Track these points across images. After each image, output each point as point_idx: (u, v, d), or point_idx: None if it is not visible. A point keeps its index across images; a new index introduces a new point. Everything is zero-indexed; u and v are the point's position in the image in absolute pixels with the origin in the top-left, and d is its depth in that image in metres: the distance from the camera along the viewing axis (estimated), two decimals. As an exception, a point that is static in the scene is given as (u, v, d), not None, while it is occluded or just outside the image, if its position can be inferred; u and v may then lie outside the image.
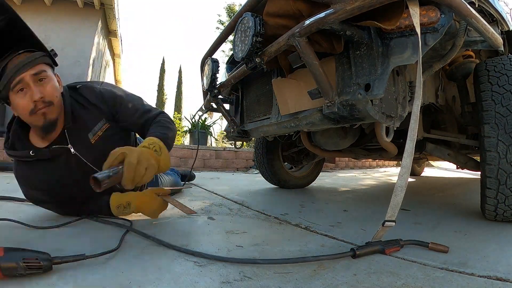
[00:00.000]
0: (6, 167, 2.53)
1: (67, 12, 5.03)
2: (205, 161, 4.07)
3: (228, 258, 0.67)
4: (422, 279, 0.59)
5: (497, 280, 0.59)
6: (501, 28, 0.95)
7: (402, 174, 0.70)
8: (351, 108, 0.84)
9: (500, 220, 1.04)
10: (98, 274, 0.57)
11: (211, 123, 5.05)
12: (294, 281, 0.58)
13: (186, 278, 0.58)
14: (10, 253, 0.53)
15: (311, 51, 0.78)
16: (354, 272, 0.62)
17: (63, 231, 0.85)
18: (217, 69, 1.29)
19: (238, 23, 0.92)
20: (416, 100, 0.70)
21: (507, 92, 0.96)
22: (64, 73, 5.16)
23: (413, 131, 0.69)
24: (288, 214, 1.24)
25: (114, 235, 0.82)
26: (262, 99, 1.35)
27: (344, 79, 0.86)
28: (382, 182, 2.96)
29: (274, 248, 0.78)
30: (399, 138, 1.37)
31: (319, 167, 2.30)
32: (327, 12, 0.69)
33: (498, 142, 0.94)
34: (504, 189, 0.95)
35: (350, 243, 0.84)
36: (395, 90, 0.89)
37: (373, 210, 1.36)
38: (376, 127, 1.04)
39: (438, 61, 0.91)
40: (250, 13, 0.87)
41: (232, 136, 1.55)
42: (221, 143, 8.22)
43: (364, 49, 0.81)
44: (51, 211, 1.06)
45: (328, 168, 4.84)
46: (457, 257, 0.72)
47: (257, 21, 0.85)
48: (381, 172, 4.71)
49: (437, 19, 0.70)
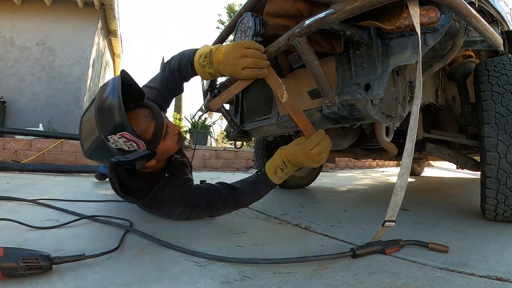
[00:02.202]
0: (6, 167, 2.53)
1: (67, 12, 5.03)
2: (205, 161, 4.07)
3: (228, 258, 0.67)
4: (422, 279, 0.59)
5: (497, 280, 0.59)
6: (501, 28, 0.95)
7: (402, 174, 0.70)
8: (351, 108, 0.84)
9: (500, 220, 1.04)
10: (98, 274, 0.57)
11: (211, 123, 5.05)
12: (294, 281, 0.58)
13: (186, 278, 0.58)
14: (10, 253, 0.53)
15: (311, 51, 0.78)
16: (354, 272, 0.62)
17: (63, 231, 0.85)
18: (217, 69, 1.29)
19: (238, 23, 0.92)
20: (416, 100, 0.70)
21: (507, 92, 0.96)
22: (64, 73, 5.18)
23: (413, 131, 0.69)
24: (288, 214, 1.24)
25: (114, 235, 0.82)
26: (262, 99, 1.34)
27: (344, 79, 0.86)
28: (382, 182, 2.96)
29: (274, 248, 0.78)
30: (399, 138, 1.37)
31: (319, 167, 2.30)
32: (327, 12, 0.69)
33: (498, 142, 0.94)
34: (504, 189, 0.95)
35: (350, 243, 0.84)
36: (395, 90, 0.89)
37: (373, 210, 1.36)
38: (376, 127, 1.04)
39: (438, 61, 0.91)
40: (250, 13, 0.87)
41: (232, 136, 1.54)
42: (221, 143, 8.21)
43: (364, 49, 0.81)
44: (51, 210, 1.07)
45: (328, 168, 4.84)
46: (457, 257, 0.72)
47: (257, 21, 0.85)
48: (381, 172, 4.71)
49: (437, 19, 0.70)
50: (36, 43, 4.88)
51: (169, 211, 0.99)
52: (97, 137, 0.76)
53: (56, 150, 3.02)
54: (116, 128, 0.74)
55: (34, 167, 2.60)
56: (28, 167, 2.59)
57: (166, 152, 0.96)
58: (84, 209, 1.11)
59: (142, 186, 0.98)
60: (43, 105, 4.76)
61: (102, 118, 0.75)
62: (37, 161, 2.90)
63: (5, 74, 4.69)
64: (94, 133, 0.77)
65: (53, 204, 1.17)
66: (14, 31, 4.79)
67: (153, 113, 0.89)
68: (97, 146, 0.78)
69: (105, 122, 0.75)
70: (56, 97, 4.85)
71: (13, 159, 2.86)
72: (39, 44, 4.89)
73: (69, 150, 3.06)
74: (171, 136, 0.94)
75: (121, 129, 0.74)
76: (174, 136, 0.96)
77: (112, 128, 0.74)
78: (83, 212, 1.03)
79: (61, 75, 4.93)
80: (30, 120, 4.46)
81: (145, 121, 0.87)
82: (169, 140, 0.93)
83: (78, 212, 1.04)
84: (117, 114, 0.74)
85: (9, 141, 2.97)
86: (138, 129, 0.83)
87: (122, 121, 0.74)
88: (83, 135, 0.83)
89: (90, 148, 0.81)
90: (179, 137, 0.99)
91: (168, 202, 0.97)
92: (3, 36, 4.75)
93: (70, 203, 1.25)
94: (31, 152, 2.95)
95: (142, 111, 0.88)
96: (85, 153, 0.84)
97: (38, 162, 2.88)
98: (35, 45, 4.87)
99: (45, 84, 4.84)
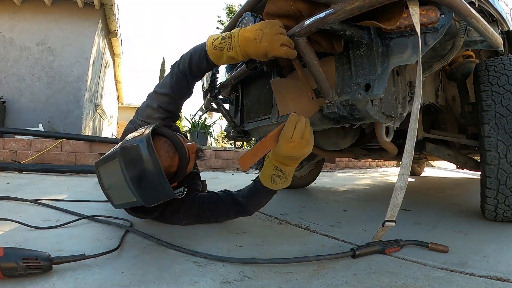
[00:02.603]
0: (6, 167, 2.53)
1: (67, 12, 5.03)
2: (205, 161, 4.07)
3: (228, 258, 0.67)
4: (422, 279, 0.59)
5: (497, 280, 0.59)
6: (501, 28, 0.95)
7: (402, 174, 0.70)
8: (351, 108, 0.84)
9: (500, 220, 1.04)
10: (98, 274, 0.57)
11: (211, 123, 5.05)
12: (294, 281, 0.58)
13: (186, 278, 0.58)
14: (10, 253, 0.53)
15: (311, 51, 0.78)
16: (354, 272, 0.62)
17: (63, 231, 0.85)
18: (217, 69, 1.29)
19: (238, 23, 0.92)
20: (416, 100, 0.70)
21: (507, 92, 0.96)
22: (64, 73, 5.18)
23: (413, 131, 0.69)
24: (288, 214, 1.24)
25: (114, 235, 0.82)
26: (262, 99, 1.34)
27: (344, 79, 0.86)
28: (382, 182, 2.96)
29: (274, 248, 0.78)
30: (399, 138, 1.37)
31: (319, 167, 2.30)
32: (327, 12, 0.69)
33: (498, 142, 0.94)
34: (504, 189, 0.95)
35: (350, 243, 0.84)
36: (395, 90, 0.89)
37: (373, 210, 1.36)
38: (376, 127, 1.04)
39: (438, 61, 0.91)
40: (250, 13, 0.87)
41: (232, 136, 1.54)
42: (221, 143, 8.21)
43: (364, 49, 0.81)
44: (52, 210, 1.07)
45: (328, 168, 4.84)
46: (457, 257, 0.72)
47: (257, 21, 0.84)
48: (381, 172, 4.71)
49: (437, 19, 0.70)
50: (36, 43, 4.88)
51: (175, 223, 0.97)
52: (135, 202, 0.71)
53: (56, 150, 3.02)
54: (162, 199, 0.73)
55: (34, 167, 2.60)
56: (28, 167, 2.59)
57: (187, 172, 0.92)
58: (84, 209, 1.11)
59: None
60: (43, 105, 4.77)
61: (143, 189, 0.69)
62: (37, 161, 2.90)
63: (5, 74, 4.69)
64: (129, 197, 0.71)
65: (53, 204, 1.17)
66: (14, 31, 4.79)
67: (174, 145, 0.81)
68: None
69: (147, 195, 0.70)
70: (56, 97, 4.86)
71: (13, 159, 2.86)
72: (39, 44, 4.89)
73: (69, 150, 3.06)
74: (192, 158, 0.90)
75: (166, 197, 0.73)
76: (192, 154, 0.91)
77: (158, 199, 0.72)
78: (83, 212, 1.03)
79: (61, 75, 4.94)
80: (30, 120, 4.46)
81: (168, 157, 0.79)
82: (191, 162, 0.90)
83: (78, 212, 1.04)
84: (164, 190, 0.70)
85: (9, 141, 2.97)
86: (163, 166, 0.75)
87: (168, 192, 0.71)
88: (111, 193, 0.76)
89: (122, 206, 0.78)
90: (198, 154, 0.95)
91: (175, 216, 0.95)
92: (3, 36, 4.75)
93: (70, 203, 1.25)
94: (31, 152, 2.95)
95: (161, 144, 0.79)
96: (116, 207, 0.79)
97: (38, 162, 2.88)
98: (35, 45, 4.87)
99: (45, 84, 4.84)
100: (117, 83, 9.61)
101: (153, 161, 0.68)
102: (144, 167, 0.68)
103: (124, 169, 0.68)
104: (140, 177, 0.68)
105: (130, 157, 0.68)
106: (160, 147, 0.78)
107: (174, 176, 0.82)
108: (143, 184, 0.68)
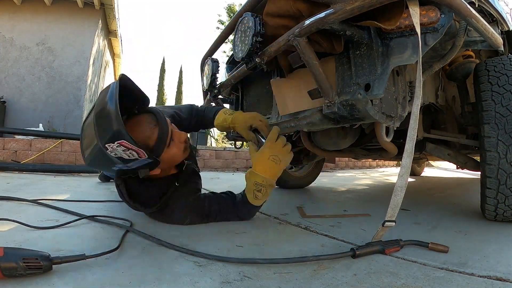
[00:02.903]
0: (6, 167, 2.53)
1: (67, 12, 5.03)
2: (205, 161, 4.07)
3: (228, 258, 0.67)
4: (422, 279, 0.59)
5: (497, 280, 0.59)
6: (501, 28, 0.95)
7: (402, 174, 0.70)
8: (351, 108, 0.84)
9: (500, 220, 1.04)
10: (98, 274, 0.57)
11: (211, 123, 5.03)
12: (294, 281, 0.58)
13: (186, 278, 0.58)
14: (10, 253, 0.53)
15: (311, 51, 0.78)
16: (354, 272, 0.62)
17: (63, 231, 0.85)
18: (217, 69, 1.29)
19: (238, 23, 0.92)
20: (416, 100, 0.70)
21: (507, 92, 0.96)
22: (64, 73, 5.18)
23: (413, 131, 0.69)
24: (288, 214, 1.24)
25: (114, 235, 0.82)
26: (262, 99, 1.35)
27: (344, 79, 0.86)
28: (382, 182, 2.96)
29: (274, 248, 0.78)
30: (399, 138, 1.37)
31: (319, 167, 2.30)
32: (327, 12, 0.69)
33: (498, 142, 0.94)
34: (504, 189, 0.95)
35: (350, 243, 0.84)
36: (395, 90, 0.89)
37: (373, 210, 1.36)
38: (376, 127, 1.04)
39: (438, 61, 0.91)
40: (250, 13, 0.87)
41: (232, 136, 1.54)
42: (221, 143, 8.21)
43: (364, 49, 0.81)
44: (52, 210, 1.07)
45: (328, 168, 4.84)
46: (457, 257, 0.72)
47: (257, 21, 0.85)
48: (381, 172, 4.71)
49: (437, 19, 0.70)
50: (36, 43, 4.88)
51: (178, 221, 0.97)
52: (96, 145, 0.74)
53: (56, 150, 3.03)
54: (113, 136, 0.71)
55: (34, 167, 2.60)
56: (28, 167, 2.59)
57: (171, 161, 0.93)
58: (84, 209, 1.11)
59: (152, 194, 0.94)
60: (43, 105, 4.77)
61: (100, 126, 0.72)
62: (37, 161, 2.90)
63: (5, 74, 4.69)
64: (93, 141, 0.75)
65: (53, 204, 1.17)
66: (14, 31, 4.79)
67: (157, 118, 0.86)
68: (97, 155, 0.76)
69: (102, 130, 0.72)
70: (56, 97, 4.86)
71: (13, 159, 2.86)
72: (39, 44, 4.89)
73: (69, 150, 3.06)
74: (177, 144, 0.91)
75: (119, 137, 0.71)
76: (180, 144, 0.92)
77: (109, 136, 0.71)
78: (83, 212, 1.03)
79: (61, 75, 4.94)
80: (30, 120, 4.46)
81: (148, 127, 0.83)
82: (174, 148, 0.90)
83: (78, 212, 1.04)
84: (114, 121, 0.70)
85: (9, 141, 2.97)
86: (141, 135, 0.80)
87: (119, 129, 0.70)
88: (84, 143, 0.81)
89: (90, 157, 0.79)
90: (186, 145, 0.96)
91: (177, 212, 0.95)
92: (3, 36, 4.75)
93: (70, 203, 1.25)
94: (31, 152, 2.95)
95: (146, 117, 0.86)
96: (86, 161, 0.82)
97: (38, 162, 2.88)
98: (35, 45, 4.87)
99: (45, 84, 4.84)
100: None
101: (111, 91, 0.74)
102: (104, 98, 0.74)
103: (94, 108, 0.77)
104: (100, 109, 0.74)
105: (100, 97, 0.77)
106: (143, 119, 0.86)
107: (152, 150, 0.83)
108: (99, 116, 0.73)
